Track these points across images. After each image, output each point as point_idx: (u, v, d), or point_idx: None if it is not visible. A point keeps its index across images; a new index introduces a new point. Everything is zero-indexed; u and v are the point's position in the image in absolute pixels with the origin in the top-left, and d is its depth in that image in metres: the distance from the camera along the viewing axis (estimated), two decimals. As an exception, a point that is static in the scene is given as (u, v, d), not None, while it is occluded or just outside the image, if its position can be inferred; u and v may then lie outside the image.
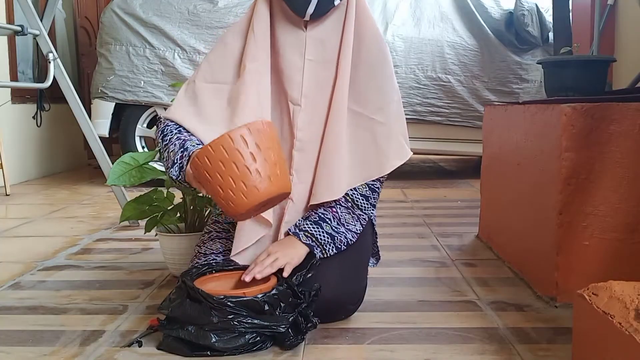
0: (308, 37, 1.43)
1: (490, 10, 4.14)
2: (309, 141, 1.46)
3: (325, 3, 1.38)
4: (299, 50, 1.43)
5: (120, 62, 3.82)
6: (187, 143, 1.36)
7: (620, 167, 1.53)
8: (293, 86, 1.44)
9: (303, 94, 1.44)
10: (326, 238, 1.43)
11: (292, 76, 1.44)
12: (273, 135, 1.23)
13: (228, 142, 1.16)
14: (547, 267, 1.62)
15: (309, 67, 1.44)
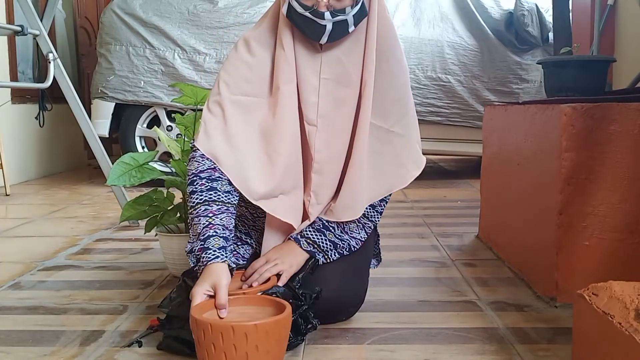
0: (324, 56, 1.40)
1: (490, 10, 4.14)
2: (327, 162, 1.43)
3: (340, 31, 1.35)
4: (315, 69, 1.40)
5: (120, 62, 3.82)
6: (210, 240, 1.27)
7: (620, 167, 1.53)
8: (309, 106, 1.41)
9: (319, 114, 1.41)
10: (328, 245, 1.43)
11: (308, 96, 1.40)
12: (281, 337, 1.16)
13: (228, 332, 1.09)
14: (547, 267, 1.62)
15: (325, 86, 1.40)
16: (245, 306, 1.25)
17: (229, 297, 1.23)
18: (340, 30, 1.34)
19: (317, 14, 1.31)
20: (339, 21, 1.32)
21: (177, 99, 1.89)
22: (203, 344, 1.11)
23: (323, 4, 1.30)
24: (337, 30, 1.34)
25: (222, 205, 1.33)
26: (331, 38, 1.35)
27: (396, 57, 1.44)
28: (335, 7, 1.32)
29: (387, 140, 1.45)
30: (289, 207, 1.43)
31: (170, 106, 3.81)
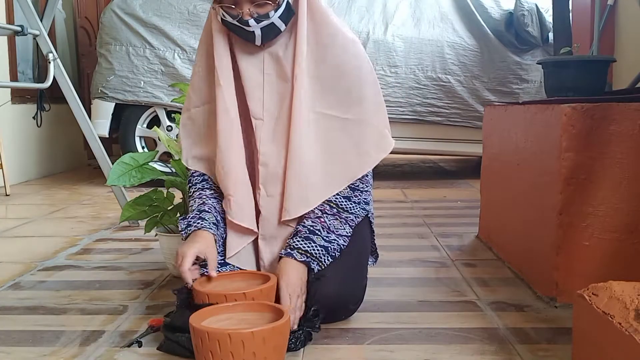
0: (265, 53, 1.47)
1: (490, 10, 4.13)
2: (272, 155, 1.47)
3: (271, 32, 1.42)
4: (258, 66, 1.47)
5: (120, 62, 3.82)
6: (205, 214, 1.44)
7: (620, 167, 1.53)
8: (255, 101, 1.48)
9: (264, 108, 1.48)
10: (320, 250, 1.42)
11: (253, 92, 1.47)
12: (278, 344, 1.16)
13: (225, 340, 1.09)
14: (547, 267, 1.62)
15: (268, 81, 1.47)
16: (244, 312, 1.25)
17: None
18: (272, 31, 1.42)
19: (243, 22, 1.38)
20: (267, 25, 1.39)
21: (177, 99, 1.89)
22: (201, 352, 1.12)
23: (246, 13, 1.37)
24: (268, 32, 1.41)
25: (214, 192, 1.51)
26: (265, 39, 1.43)
27: (339, 45, 1.47)
28: (259, 13, 1.38)
29: (342, 128, 1.47)
30: (235, 204, 1.46)
31: (170, 106, 3.81)
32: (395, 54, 3.94)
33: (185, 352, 1.26)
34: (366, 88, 1.49)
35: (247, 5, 1.37)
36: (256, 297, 1.26)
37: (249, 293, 1.28)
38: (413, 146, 4.12)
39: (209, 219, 1.43)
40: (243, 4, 1.37)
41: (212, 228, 1.41)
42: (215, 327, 1.16)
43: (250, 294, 1.28)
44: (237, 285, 1.38)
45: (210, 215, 1.44)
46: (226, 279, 1.40)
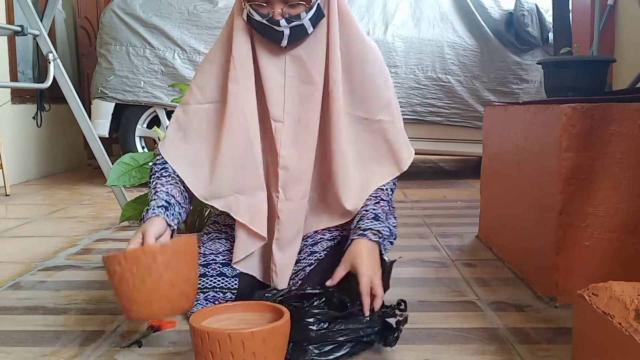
0: (288, 55, 1.44)
1: (490, 10, 4.14)
2: (293, 158, 1.45)
3: (299, 34, 1.40)
4: (279, 67, 1.45)
5: (120, 62, 3.82)
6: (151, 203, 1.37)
7: (620, 167, 1.53)
8: (275, 103, 1.45)
9: (285, 110, 1.45)
10: (387, 233, 1.42)
11: (273, 93, 1.45)
12: (278, 343, 1.14)
13: (225, 340, 1.09)
14: (547, 267, 1.62)
15: (290, 83, 1.45)
16: (244, 312, 1.25)
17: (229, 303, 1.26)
18: (299, 33, 1.40)
19: (273, 21, 1.37)
20: (296, 26, 1.38)
21: (177, 99, 1.89)
22: (201, 352, 1.12)
23: (277, 13, 1.36)
24: (296, 33, 1.40)
25: (171, 178, 1.44)
26: (291, 41, 1.41)
27: (366, 50, 1.48)
28: (290, 14, 1.37)
29: (377, 130, 1.49)
30: (245, 206, 1.44)
31: (170, 106, 3.81)
32: (395, 54, 3.94)
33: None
34: (389, 92, 1.52)
35: (279, 5, 1.36)
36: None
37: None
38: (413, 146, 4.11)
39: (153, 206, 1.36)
40: (275, 4, 1.36)
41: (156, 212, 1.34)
42: (215, 327, 1.16)
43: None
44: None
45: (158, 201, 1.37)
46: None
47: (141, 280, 1.13)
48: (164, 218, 1.33)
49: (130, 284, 1.14)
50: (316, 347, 1.20)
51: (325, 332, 1.20)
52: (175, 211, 1.39)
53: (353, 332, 1.22)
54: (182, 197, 1.44)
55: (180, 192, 1.43)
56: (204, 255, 1.54)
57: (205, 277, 1.51)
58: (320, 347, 1.21)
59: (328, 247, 1.50)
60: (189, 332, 1.14)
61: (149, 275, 1.13)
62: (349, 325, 1.22)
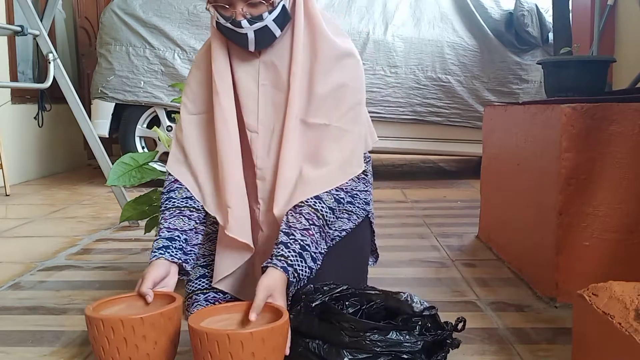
0: (261, 62, 1.41)
1: (490, 10, 4.14)
2: (269, 169, 1.42)
3: (266, 37, 1.35)
4: (253, 75, 1.41)
5: (120, 62, 3.82)
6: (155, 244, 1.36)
7: (620, 167, 1.53)
8: (249, 113, 1.42)
9: (259, 120, 1.42)
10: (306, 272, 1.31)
11: (247, 103, 1.42)
12: (277, 344, 1.14)
13: (224, 340, 1.09)
14: (547, 268, 1.62)
15: (264, 92, 1.41)
16: (243, 313, 1.24)
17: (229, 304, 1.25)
18: (267, 36, 1.35)
19: (236, 23, 1.32)
20: (261, 28, 1.32)
21: (177, 99, 1.89)
22: (200, 353, 1.12)
23: (239, 13, 1.31)
24: (263, 36, 1.34)
25: (174, 209, 1.41)
26: (259, 45, 1.36)
27: (334, 55, 1.40)
28: (252, 14, 1.32)
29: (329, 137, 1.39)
30: (235, 219, 1.40)
31: (170, 106, 3.81)
32: (395, 54, 3.94)
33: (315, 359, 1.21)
34: (355, 98, 1.43)
35: (240, 4, 1.31)
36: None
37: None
38: (413, 146, 4.12)
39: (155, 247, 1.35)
40: (237, 4, 1.32)
41: (156, 254, 1.33)
42: (213, 328, 1.16)
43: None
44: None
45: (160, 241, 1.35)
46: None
47: (115, 349, 1.12)
48: (165, 259, 1.32)
49: (105, 351, 1.13)
50: (350, 352, 1.17)
51: (359, 340, 1.17)
52: (179, 244, 1.36)
53: (393, 346, 1.17)
54: (188, 223, 1.40)
55: (186, 218, 1.40)
56: (204, 257, 1.54)
57: (205, 277, 1.51)
58: (354, 353, 1.17)
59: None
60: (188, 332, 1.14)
61: (125, 345, 1.13)
62: (388, 337, 1.17)
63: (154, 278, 1.28)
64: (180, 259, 1.36)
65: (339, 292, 1.30)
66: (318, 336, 1.21)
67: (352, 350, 1.17)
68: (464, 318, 1.25)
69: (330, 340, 1.20)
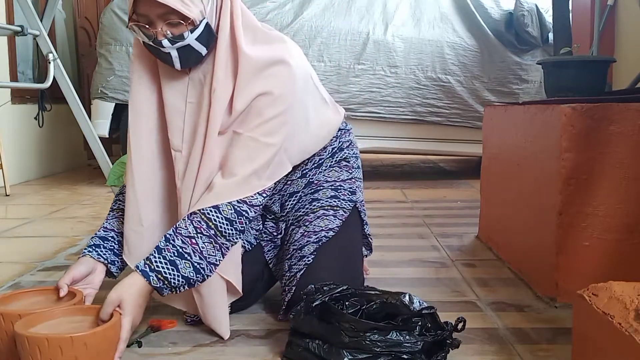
0: (190, 79, 1.37)
1: (490, 10, 4.14)
2: (188, 189, 1.36)
3: (192, 56, 1.32)
4: (182, 93, 1.37)
5: (120, 62, 3.82)
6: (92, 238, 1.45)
7: (620, 167, 1.53)
8: (174, 132, 1.38)
9: (184, 139, 1.37)
10: (180, 282, 1.28)
11: (174, 121, 1.37)
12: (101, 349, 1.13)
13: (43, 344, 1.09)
14: (547, 268, 1.62)
15: (190, 110, 1.37)
16: (82, 316, 1.25)
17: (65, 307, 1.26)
18: (191, 55, 1.31)
19: (157, 42, 1.29)
20: (183, 47, 1.28)
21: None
22: (23, 357, 1.12)
23: (160, 33, 1.27)
24: (187, 55, 1.31)
25: (117, 211, 1.48)
26: (184, 63, 1.32)
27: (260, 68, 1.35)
28: (173, 34, 1.27)
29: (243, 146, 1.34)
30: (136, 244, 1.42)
31: (170, 106, 3.81)
32: (395, 54, 3.94)
33: (315, 359, 1.21)
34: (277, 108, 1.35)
35: (160, 24, 1.26)
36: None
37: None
38: (413, 146, 4.12)
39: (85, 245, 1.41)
40: (157, 23, 1.26)
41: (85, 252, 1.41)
42: (34, 333, 1.14)
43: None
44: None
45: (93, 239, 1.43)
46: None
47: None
48: (91, 257, 1.39)
49: None
50: (350, 352, 1.17)
51: (359, 340, 1.17)
52: (111, 244, 1.43)
53: (393, 346, 1.17)
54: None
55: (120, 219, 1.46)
56: None
57: None
58: (354, 353, 1.17)
59: (315, 249, 1.47)
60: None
61: None
62: (388, 337, 1.17)
63: (74, 274, 1.35)
64: (107, 260, 1.41)
65: (339, 292, 1.29)
66: (318, 336, 1.22)
67: (352, 351, 1.17)
68: (463, 318, 1.25)
69: (330, 341, 1.20)
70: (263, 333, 1.43)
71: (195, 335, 1.42)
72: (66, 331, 1.17)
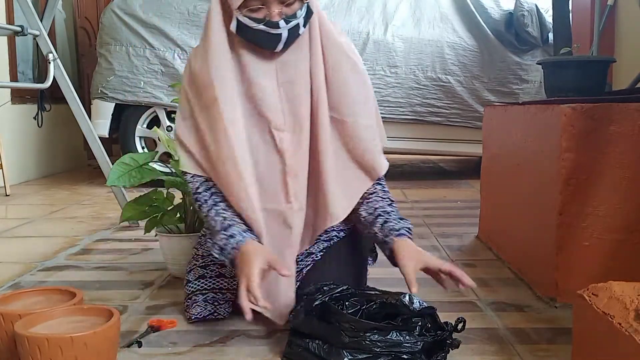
0: (277, 61, 1.40)
1: (490, 10, 4.14)
2: (298, 164, 1.41)
3: (294, 36, 1.36)
4: (271, 75, 1.40)
5: (120, 62, 3.82)
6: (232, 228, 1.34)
7: (620, 167, 1.53)
8: (274, 112, 1.40)
9: (286, 120, 1.41)
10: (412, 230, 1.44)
11: (270, 102, 1.40)
12: (101, 349, 1.14)
13: (43, 344, 1.09)
14: (547, 268, 1.62)
15: (284, 90, 1.40)
16: (82, 316, 1.25)
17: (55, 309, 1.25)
18: (294, 34, 1.36)
19: (271, 24, 1.31)
20: (294, 26, 1.34)
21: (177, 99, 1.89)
22: (24, 357, 1.12)
23: (276, 14, 1.31)
24: (292, 35, 1.36)
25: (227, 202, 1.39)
26: (287, 44, 1.37)
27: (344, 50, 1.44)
28: (287, 14, 1.32)
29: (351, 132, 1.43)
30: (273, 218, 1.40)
31: (170, 106, 3.81)
32: (395, 54, 3.94)
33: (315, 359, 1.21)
34: (366, 91, 1.47)
35: (276, 6, 1.31)
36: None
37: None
38: (413, 146, 4.11)
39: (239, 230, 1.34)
40: (272, 5, 1.30)
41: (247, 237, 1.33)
42: (34, 332, 1.14)
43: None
44: None
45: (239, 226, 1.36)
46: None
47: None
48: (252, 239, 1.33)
49: None
50: (350, 352, 1.17)
51: (359, 340, 1.17)
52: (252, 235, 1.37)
53: (393, 346, 1.17)
54: None
55: None
56: (202, 257, 1.54)
57: (205, 278, 1.51)
58: (354, 353, 1.17)
59: (324, 247, 1.49)
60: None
61: None
62: (388, 337, 1.18)
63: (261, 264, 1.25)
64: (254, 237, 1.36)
65: (339, 292, 1.30)
66: (318, 336, 1.22)
67: (352, 351, 1.17)
68: (463, 318, 1.26)
69: (330, 341, 1.20)
70: (263, 333, 1.43)
71: (195, 335, 1.42)
72: (66, 331, 1.17)
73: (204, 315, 1.47)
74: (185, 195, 1.86)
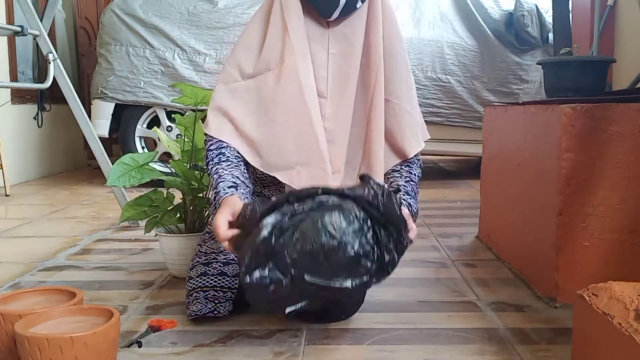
0: (331, 32, 1.46)
1: (490, 10, 4.14)
2: (337, 130, 1.47)
3: (350, 6, 1.42)
4: (323, 45, 1.46)
5: (120, 62, 3.82)
6: (220, 185, 1.37)
7: (620, 167, 1.53)
8: (319, 80, 1.47)
9: (329, 87, 1.47)
10: (414, 209, 1.48)
11: (317, 70, 1.47)
12: (101, 349, 1.15)
13: (43, 344, 1.09)
14: (547, 268, 1.62)
15: (333, 60, 1.47)
16: (82, 316, 1.25)
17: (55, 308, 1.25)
18: (351, 5, 1.42)
19: None
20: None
21: (177, 100, 1.89)
22: (23, 357, 1.12)
23: None
24: (348, 5, 1.41)
25: (231, 162, 1.42)
26: (343, 13, 1.42)
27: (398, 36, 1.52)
28: None
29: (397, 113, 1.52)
30: (307, 178, 1.43)
31: (170, 106, 3.81)
32: (395, 54, 3.94)
33: None
34: (410, 78, 1.58)
35: None
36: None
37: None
38: (413, 146, 4.11)
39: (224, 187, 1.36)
40: None
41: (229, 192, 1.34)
42: (35, 333, 1.15)
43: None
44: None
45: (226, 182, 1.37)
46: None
47: None
48: (237, 196, 1.33)
49: None
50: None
51: None
52: (244, 190, 1.38)
53: None
54: (245, 177, 1.42)
55: (241, 173, 1.42)
56: (205, 254, 1.54)
57: (206, 275, 1.51)
58: None
59: None
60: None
61: None
62: None
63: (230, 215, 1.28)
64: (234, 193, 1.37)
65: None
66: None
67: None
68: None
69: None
70: (263, 333, 1.43)
71: (196, 335, 1.42)
72: (66, 331, 1.17)
73: (204, 312, 1.47)
74: (185, 195, 1.86)
